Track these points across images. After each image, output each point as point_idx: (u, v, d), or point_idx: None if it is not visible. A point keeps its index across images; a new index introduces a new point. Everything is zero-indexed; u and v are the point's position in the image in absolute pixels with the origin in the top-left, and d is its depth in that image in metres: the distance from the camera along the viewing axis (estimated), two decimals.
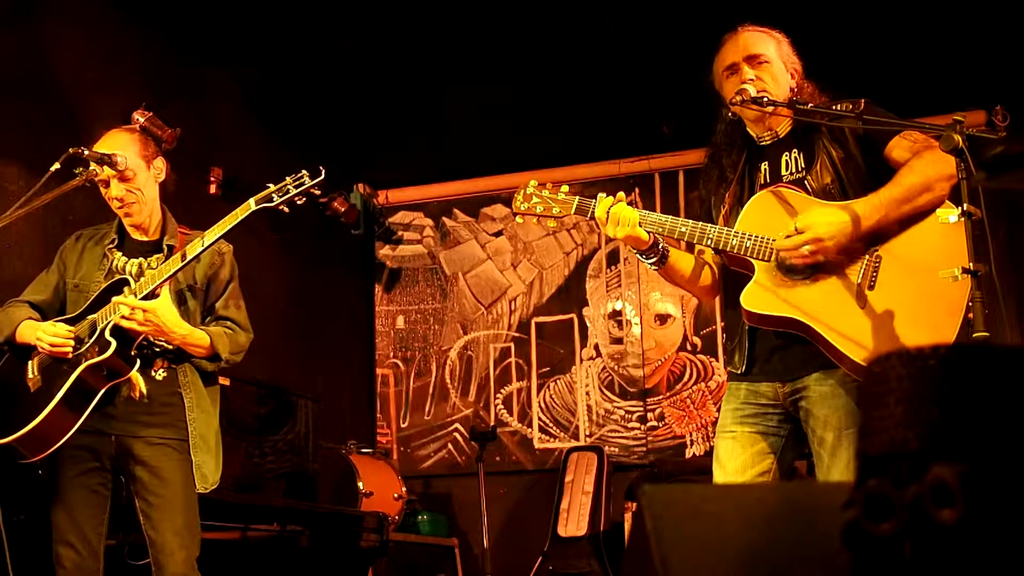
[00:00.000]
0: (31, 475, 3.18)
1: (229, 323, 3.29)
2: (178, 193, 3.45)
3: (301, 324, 6.21)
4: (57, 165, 3.12)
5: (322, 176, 3.00)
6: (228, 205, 3.08)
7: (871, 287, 2.57)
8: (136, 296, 3.06)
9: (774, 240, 2.64)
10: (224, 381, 3.94)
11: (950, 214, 2.37)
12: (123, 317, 3.02)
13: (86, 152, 3.15)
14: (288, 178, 3.03)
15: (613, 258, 6.74)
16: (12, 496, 3.24)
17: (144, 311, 3.01)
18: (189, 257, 3.06)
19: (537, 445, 6.62)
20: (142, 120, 4.70)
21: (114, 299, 3.08)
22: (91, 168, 3.18)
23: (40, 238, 4.37)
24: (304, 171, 3.03)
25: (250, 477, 4.70)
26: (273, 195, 3.02)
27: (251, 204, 3.03)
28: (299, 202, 3.03)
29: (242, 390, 4.71)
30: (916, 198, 2.55)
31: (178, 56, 5.36)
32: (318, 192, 3.05)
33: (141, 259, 3.25)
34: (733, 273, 2.81)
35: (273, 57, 5.87)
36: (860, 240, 2.59)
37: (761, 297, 2.64)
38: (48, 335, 3.10)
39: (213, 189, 5.43)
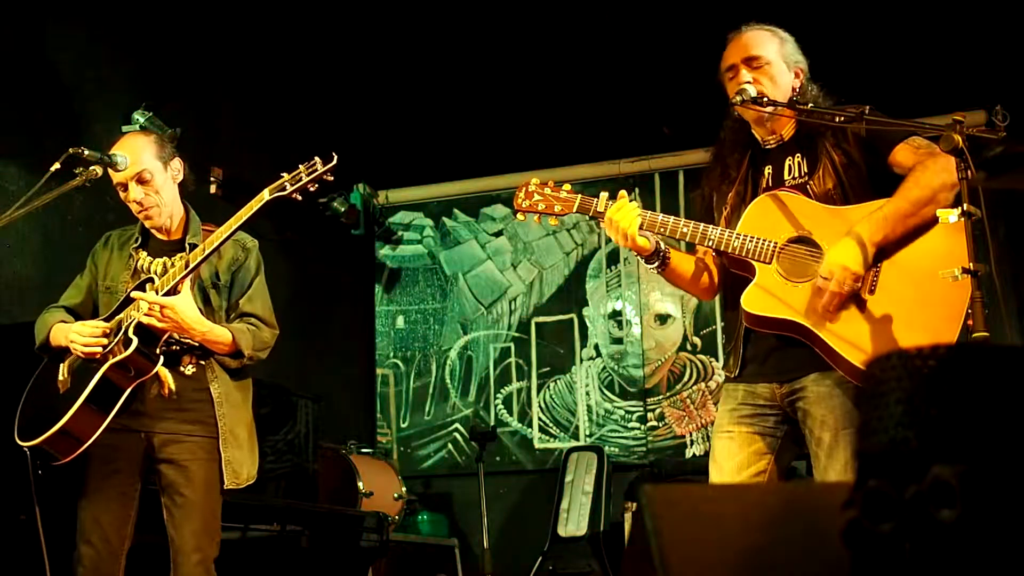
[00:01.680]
0: (32, 474, 3.17)
1: (252, 319, 3.27)
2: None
3: (301, 324, 6.20)
4: (57, 165, 3.11)
5: (334, 162, 2.99)
6: (228, 205, 3.08)
7: (871, 292, 2.58)
8: (158, 293, 3.06)
9: (775, 243, 2.64)
10: None
11: (950, 214, 2.38)
12: (144, 314, 3.02)
13: (86, 152, 3.15)
14: (301, 166, 3.01)
15: (613, 258, 6.73)
16: (12, 495, 3.24)
17: (162, 307, 3.01)
18: (207, 252, 3.06)
19: (537, 445, 6.62)
20: (142, 120, 4.71)
21: (134, 293, 3.08)
22: (91, 168, 3.18)
23: (40, 238, 4.37)
24: (316, 157, 3.02)
25: None
26: (286, 184, 3.01)
27: (265, 195, 3.02)
28: (312, 189, 3.02)
29: None
30: (921, 211, 2.55)
31: (178, 56, 5.36)
32: (331, 179, 3.03)
33: (165, 258, 3.24)
34: (733, 275, 2.81)
35: (273, 57, 5.87)
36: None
37: (762, 300, 2.64)
38: (80, 336, 3.09)
39: (213, 189, 5.43)
